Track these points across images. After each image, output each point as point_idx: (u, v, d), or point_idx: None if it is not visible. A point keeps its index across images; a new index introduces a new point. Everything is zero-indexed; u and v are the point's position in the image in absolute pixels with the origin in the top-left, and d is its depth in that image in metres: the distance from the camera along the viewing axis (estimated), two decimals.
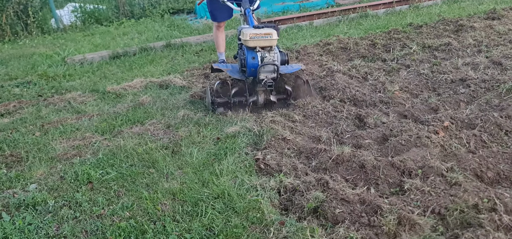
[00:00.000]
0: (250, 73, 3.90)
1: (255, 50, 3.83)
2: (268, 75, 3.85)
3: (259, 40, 3.79)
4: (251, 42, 3.80)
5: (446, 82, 4.35)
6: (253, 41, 3.79)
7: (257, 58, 3.83)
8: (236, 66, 4.32)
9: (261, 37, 3.78)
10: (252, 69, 3.85)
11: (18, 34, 9.18)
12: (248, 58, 3.84)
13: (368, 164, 2.85)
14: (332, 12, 8.09)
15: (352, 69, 4.97)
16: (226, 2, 4.51)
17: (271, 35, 3.79)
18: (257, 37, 3.78)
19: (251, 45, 3.81)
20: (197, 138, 3.61)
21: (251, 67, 3.85)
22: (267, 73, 3.84)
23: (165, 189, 2.85)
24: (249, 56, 3.84)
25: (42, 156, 3.53)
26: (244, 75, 4.03)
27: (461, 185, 2.55)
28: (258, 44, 3.80)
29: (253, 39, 3.79)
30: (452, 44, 5.52)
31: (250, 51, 3.87)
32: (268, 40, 3.80)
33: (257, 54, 3.83)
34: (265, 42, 3.80)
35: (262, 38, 3.78)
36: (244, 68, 3.98)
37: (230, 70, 4.17)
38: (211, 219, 2.49)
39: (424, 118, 3.57)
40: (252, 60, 3.83)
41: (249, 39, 3.79)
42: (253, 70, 3.85)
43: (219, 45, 5.58)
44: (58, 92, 5.31)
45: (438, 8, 8.17)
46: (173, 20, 9.39)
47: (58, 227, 2.55)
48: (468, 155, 2.90)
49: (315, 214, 2.51)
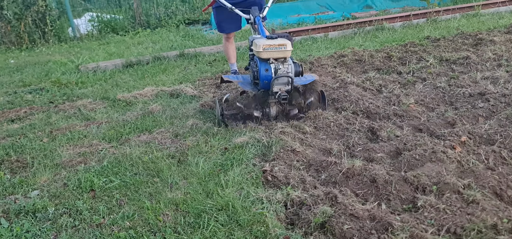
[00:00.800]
0: (263, 85, 3.72)
1: (269, 62, 3.66)
2: (282, 87, 3.69)
3: (273, 51, 3.61)
4: (264, 54, 3.62)
5: (464, 96, 4.19)
6: (267, 53, 3.61)
7: (271, 70, 3.64)
8: (247, 77, 4.16)
9: (274, 48, 3.60)
10: (265, 81, 3.67)
11: (36, 42, 9.30)
12: (261, 70, 3.66)
13: (380, 178, 2.72)
14: (348, 25, 7.98)
15: (366, 82, 4.84)
16: (234, 9, 4.34)
17: (285, 46, 3.62)
18: (271, 49, 3.60)
19: (265, 56, 3.64)
20: (205, 147, 3.52)
21: (264, 80, 3.67)
22: (281, 85, 3.69)
23: (168, 199, 2.76)
24: (262, 68, 3.66)
25: (47, 162, 3.48)
26: (256, 88, 3.86)
27: (479, 203, 2.40)
28: (272, 55, 3.63)
29: (267, 51, 3.60)
30: (470, 57, 5.35)
31: (263, 63, 3.69)
32: (282, 51, 3.63)
33: (270, 66, 3.65)
34: (279, 53, 3.64)
35: (276, 50, 3.61)
36: (256, 81, 3.80)
37: (241, 82, 4.01)
38: (213, 232, 2.39)
39: (440, 132, 3.42)
40: (265, 73, 3.65)
41: (262, 51, 3.60)
42: (266, 82, 3.67)
43: (230, 56, 5.41)
44: (70, 99, 5.30)
45: (456, 22, 8.00)
46: (188, 31, 9.40)
47: (56, 235, 2.48)
48: (486, 172, 2.75)
49: (322, 230, 2.39)
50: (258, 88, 3.82)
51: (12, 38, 9.23)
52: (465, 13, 8.60)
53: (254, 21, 4.23)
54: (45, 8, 9.31)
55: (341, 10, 10.13)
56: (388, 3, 10.73)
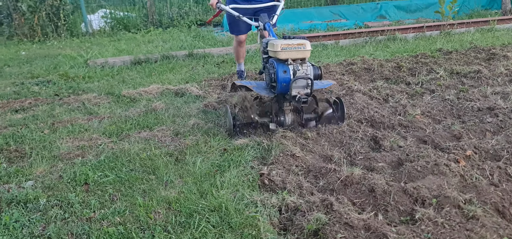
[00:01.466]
0: (281, 89, 3.45)
1: (287, 63, 3.43)
2: (301, 90, 3.43)
3: (292, 51, 3.39)
4: (282, 54, 3.40)
5: (472, 110, 4.09)
6: (285, 53, 3.39)
7: (289, 72, 3.40)
8: (261, 83, 3.92)
9: (293, 48, 3.38)
10: (283, 84, 3.41)
11: (48, 35, 9.38)
12: (279, 72, 3.41)
13: (379, 188, 2.64)
14: (359, 33, 7.91)
15: (373, 90, 4.76)
16: (242, 18, 4.22)
17: (305, 46, 3.41)
18: (289, 48, 3.37)
19: (283, 57, 3.41)
20: (204, 147, 3.48)
21: (282, 82, 3.41)
22: (300, 88, 3.43)
23: (161, 197, 2.71)
24: (280, 70, 3.41)
25: (45, 153, 3.47)
26: (273, 92, 3.59)
27: (479, 219, 2.31)
28: (290, 56, 3.41)
29: (285, 51, 3.38)
30: (482, 72, 5.24)
31: (280, 64, 3.44)
32: (301, 51, 3.41)
33: (288, 68, 3.41)
34: (298, 53, 3.42)
35: (295, 49, 3.39)
36: (273, 84, 3.51)
37: (255, 87, 3.72)
38: (203, 233, 2.34)
39: (445, 145, 3.33)
40: (283, 74, 3.40)
41: (280, 51, 3.38)
42: (285, 85, 3.41)
43: (239, 56, 5.36)
44: (75, 92, 5.30)
45: (470, 36, 7.87)
46: (199, 32, 9.40)
47: (45, 227, 2.44)
48: (489, 188, 2.65)
49: (315, 237, 2.32)
50: (274, 92, 3.57)
51: (25, 30, 9.33)
52: (479, 28, 8.46)
53: (264, 28, 4.07)
54: (59, 2, 9.41)
55: (354, 18, 10.07)
56: (402, 14, 10.64)
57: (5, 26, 9.66)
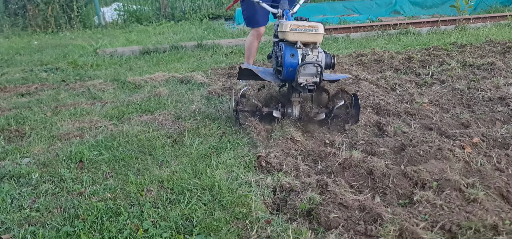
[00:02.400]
0: (287, 74, 3.17)
1: (295, 46, 3.14)
2: (309, 78, 3.12)
3: (302, 33, 3.08)
4: (291, 35, 3.09)
5: (482, 100, 3.95)
6: (294, 34, 3.09)
7: (297, 56, 3.11)
8: (268, 69, 3.71)
9: (304, 30, 3.07)
10: (289, 69, 3.13)
11: (61, 26, 9.47)
12: (286, 55, 3.13)
13: (377, 170, 2.55)
14: (371, 27, 7.77)
15: (380, 80, 4.65)
16: (261, 3, 3.99)
17: (317, 28, 3.08)
18: (299, 30, 3.07)
19: (291, 38, 3.11)
20: (203, 131, 3.42)
21: (288, 67, 3.13)
22: (307, 75, 3.12)
23: (154, 176, 2.66)
24: (287, 53, 3.13)
25: (45, 133, 3.45)
26: (279, 78, 3.34)
27: (480, 202, 2.21)
28: (300, 38, 3.10)
29: (294, 32, 3.08)
30: (496, 64, 5.08)
31: (289, 47, 3.16)
32: (312, 34, 3.08)
33: (297, 51, 3.12)
34: (309, 36, 3.09)
35: (305, 31, 3.07)
36: (279, 68, 3.26)
37: (261, 71, 3.47)
38: (192, 210, 2.27)
39: (451, 132, 3.21)
40: (290, 58, 3.11)
41: (289, 31, 3.08)
42: (291, 70, 3.13)
43: (251, 54, 4.89)
44: (82, 79, 5.31)
45: (486, 31, 7.67)
46: (210, 24, 9.38)
47: (35, 200, 2.41)
48: (494, 173, 2.54)
49: (308, 217, 2.24)
50: (280, 79, 3.31)
51: (39, 21, 9.43)
52: (496, 23, 8.24)
53: (282, 15, 3.79)
54: None
55: (367, 13, 9.91)
56: (417, 10, 10.44)
57: (19, 17, 9.77)
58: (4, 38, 8.91)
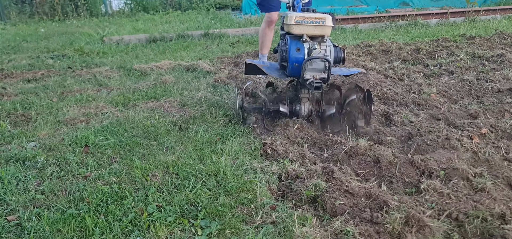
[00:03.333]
0: (292, 69, 2.96)
1: (301, 40, 2.92)
2: (316, 74, 2.90)
3: (308, 25, 2.85)
4: (296, 28, 2.87)
5: (492, 91, 3.91)
6: (300, 27, 2.86)
7: (303, 50, 2.90)
8: (274, 63, 3.52)
9: (310, 22, 2.84)
10: (295, 64, 2.92)
11: (68, 14, 9.47)
12: (291, 49, 2.91)
13: (384, 159, 2.53)
14: (379, 18, 7.70)
15: (388, 70, 4.60)
16: None
17: (324, 20, 2.84)
18: (305, 22, 2.84)
19: (297, 32, 2.89)
20: (209, 118, 3.41)
21: (294, 62, 2.91)
22: (315, 71, 2.91)
23: (160, 161, 2.65)
24: (293, 47, 2.91)
25: (51, 118, 3.46)
26: (284, 74, 3.12)
27: (488, 191, 2.18)
28: (306, 31, 2.87)
29: (300, 24, 2.85)
30: (505, 56, 5.02)
31: (294, 40, 2.94)
32: (319, 26, 2.85)
33: (303, 45, 2.90)
34: (316, 29, 2.86)
35: (312, 24, 2.85)
36: (284, 63, 3.06)
37: (267, 67, 3.28)
38: (197, 195, 2.26)
39: (460, 123, 3.18)
40: (296, 53, 2.89)
41: (294, 24, 2.85)
42: (297, 66, 2.92)
43: (265, 44, 4.58)
44: (88, 66, 5.30)
45: (496, 23, 7.58)
46: (217, 14, 9.34)
47: (40, 183, 2.41)
48: (502, 163, 2.51)
49: (313, 204, 2.22)
50: (286, 74, 3.08)
51: (46, 9, 9.43)
52: (507, 15, 8.14)
53: (293, 5, 3.50)
54: None
55: (376, 4, 9.83)
56: (426, 2, 10.34)
57: (26, 5, 9.77)
58: (11, 25, 8.93)
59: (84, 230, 1.96)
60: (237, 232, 1.98)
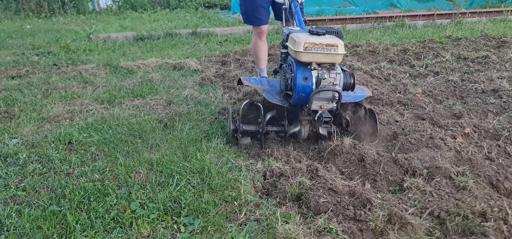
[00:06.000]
0: (298, 99, 2.64)
1: (309, 68, 2.59)
2: (323, 104, 2.62)
3: (318, 53, 2.50)
4: (305, 56, 2.52)
5: (476, 92, 3.95)
6: (309, 55, 2.51)
7: (311, 79, 2.57)
8: (274, 84, 3.14)
9: (321, 49, 2.49)
10: (302, 95, 2.60)
11: (54, 11, 9.36)
12: (298, 78, 2.58)
13: (368, 157, 2.54)
14: (367, 18, 7.75)
15: (375, 70, 4.63)
16: None
17: (336, 48, 2.51)
18: (316, 49, 2.49)
19: (305, 60, 2.54)
20: (195, 116, 3.40)
21: (301, 92, 2.59)
22: (322, 101, 2.61)
23: (144, 159, 2.63)
24: (300, 75, 2.58)
25: (34, 115, 3.41)
26: (288, 101, 2.79)
27: (470, 190, 2.20)
28: (316, 59, 2.54)
29: (309, 52, 2.50)
30: (490, 57, 5.08)
31: (301, 68, 2.60)
32: (330, 54, 2.51)
33: (311, 74, 2.57)
34: (326, 57, 2.53)
35: (323, 51, 2.49)
36: (289, 92, 2.72)
37: (267, 91, 2.93)
38: (181, 192, 2.25)
39: (444, 122, 3.21)
40: (303, 82, 2.57)
41: (303, 52, 2.51)
42: (304, 96, 2.60)
43: (260, 58, 4.04)
44: (74, 63, 5.25)
45: (482, 25, 7.67)
46: (206, 13, 9.32)
47: (21, 180, 2.38)
48: (484, 162, 2.53)
49: (297, 202, 2.22)
50: (290, 102, 2.76)
51: (32, 5, 9.32)
52: (492, 18, 8.24)
53: (290, 7, 3.28)
54: None
55: (364, 6, 9.88)
56: (413, 4, 10.42)
57: (12, 1, 9.64)
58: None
59: (65, 227, 1.93)
60: (220, 229, 1.97)
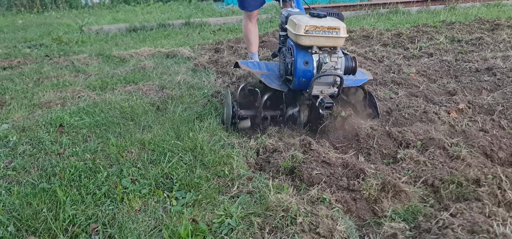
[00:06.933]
0: (299, 84, 2.57)
1: (310, 52, 2.52)
2: (324, 89, 2.55)
3: (320, 37, 2.43)
4: (305, 39, 2.44)
5: (470, 71, 3.94)
6: (310, 38, 2.44)
7: (312, 64, 2.50)
8: (273, 68, 3.02)
9: (323, 32, 2.42)
10: (302, 79, 2.53)
11: (47, 6, 9.29)
12: (298, 62, 2.51)
13: (362, 132, 2.52)
14: (361, 6, 7.72)
15: (369, 53, 4.61)
16: None
17: (338, 30, 2.43)
18: (317, 32, 2.42)
19: (306, 43, 2.46)
20: (188, 99, 3.37)
21: (301, 77, 2.52)
22: (323, 85, 2.55)
23: (136, 139, 2.61)
24: (300, 60, 2.51)
25: (26, 102, 3.38)
26: (287, 86, 2.72)
27: (464, 159, 2.19)
28: (317, 43, 2.47)
29: (310, 35, 2.42)
30: (484, 39, 5.07)
31: (301, 51, 2.53)
32: (332, 37, 2.44)
33: (312, 58, 2.50)
34: (328, 40, 2.45)
35: (324, 34, 2.43)
36: (289, 76, 2.64)
37: (265, 75, 2.82)
38: (173, 168, 2.23)
39: (438, 99, 3.19)
40: (304, 66, 2.50)
41: (304, 35, 2.42)
42: (304, 81, 2.53)
43: (252, 42, 4.04)
44: (66, 54, 5.20)
45: (476, 10, 7.66)
46: (199, 4, 9.27)
47: (11, 160, 2.35)
48: (478, 133, 2.52)
49: (290, 175, 2.20)
50: (290, 87, 2.69)
51: (24, 1, 9.25)
52: (486, 2, 8.24)
53: None
54: None
55: None
56: None
57: None
58: None
59: (55, 202, 1.91)
60: (212, 201, 1.95)
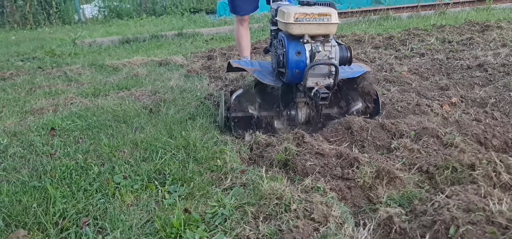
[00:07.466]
0: (292, 77, 2.47)
1: (302, 41, 2.42)
2: (320, 81, 2.45)
3: (310, 24, 2.34)
4: (296, 28, 2.35)
5: (461, 68, 3.96)
6: (300, 27, 2.34)
7: (305, 54, 2.40)
8: (266, 64, 2.96)
9: (313, 19, 2.32)
10: (295, 71, 2.42)
11: (40, 23, 9.29)
12: (290, 53, 2.40)
13: (355, 125, 2.51)
14: (352, 13, 7.78)
15: (361, 54, 4.63)
16: None
17: (330, 16, 2.34)
18: (307, 20, 2.33)
19: (297, 32, 2.37)
20: (180, 101, 3.36)
21: (294, 68, 2.41)
22: (318, 77, 2.45)
23: (128, 139, 2.58)
24: (292, 50, 2.41)
25: (18, 109, 3.36)
26: (281, 80, 2.61)
27: (457, 146, 2.18)
28: (308, 31, 2.37)
29: (300, 23, 2.33)
30: (474, 39, 5.11)
31: (293, 41, 2.43)
32: (324, 24, 2.34)
33: (304, 47, 2.40)
34: (320, 28, 2.35)
35: (315, 21, 2.33)
36: (282, 69, 2.53)
37: (257, 71, 2.76)
38: (166, 164, 2.21)
39: (431, 94, 3.20)
40: (296, 57, 2.39)
41: (294, 23, 2.33)
42: (298, 72, 2.42)
43: (243, 47, 3.98)
44: (59, 66, 5.19)
45: (466, 14, 7.73)
46: (192, 17, 9.31)
47: (1, 162, 2.33)
48: (471, 122, 2.52)
49: (284, 168, 2.19)
50: (283, 81, 2.58)
51: (17, 18, 9.24)
52: (475, 7, 8.32)
53: None
54: None
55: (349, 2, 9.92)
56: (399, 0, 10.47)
57: None
58: None
59: (45, 198, 1.88)
60: (205, 194, 1.93)
